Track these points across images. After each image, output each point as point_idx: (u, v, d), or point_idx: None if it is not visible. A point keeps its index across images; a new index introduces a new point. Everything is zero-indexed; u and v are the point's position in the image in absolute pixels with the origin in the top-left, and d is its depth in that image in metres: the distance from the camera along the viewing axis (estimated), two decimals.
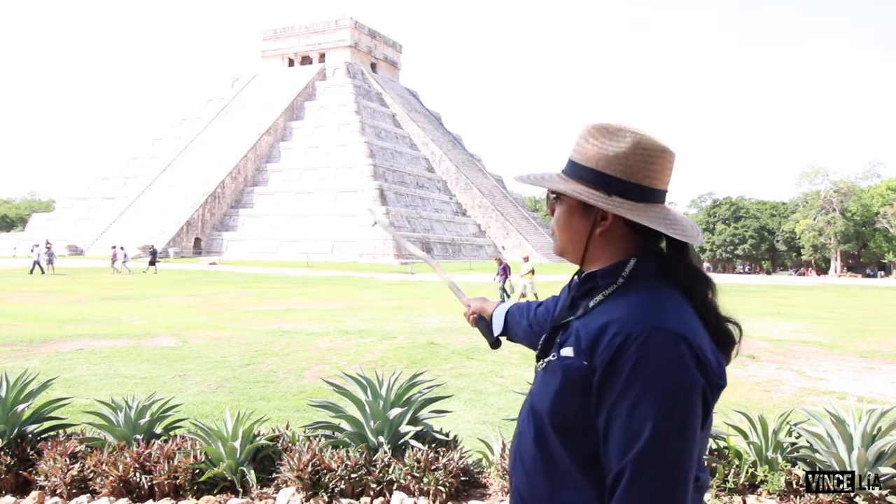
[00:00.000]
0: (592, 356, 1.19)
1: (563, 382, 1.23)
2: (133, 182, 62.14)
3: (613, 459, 1.13)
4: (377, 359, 9.10)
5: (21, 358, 8.81)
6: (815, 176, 74.77)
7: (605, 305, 1.26)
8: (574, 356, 1.22)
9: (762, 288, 33.11)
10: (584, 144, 1.30)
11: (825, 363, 9.64)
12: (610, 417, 1.15)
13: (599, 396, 1.17)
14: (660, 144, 1.28)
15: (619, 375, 1.14)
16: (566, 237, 1.37)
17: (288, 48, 77.81)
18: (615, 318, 1.20)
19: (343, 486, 3.82)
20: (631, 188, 1.26)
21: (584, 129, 1.32)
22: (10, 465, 3.97)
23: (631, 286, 1.27)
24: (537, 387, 1.32)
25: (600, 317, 1.24)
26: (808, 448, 3.99)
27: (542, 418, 1.26)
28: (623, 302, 1.24)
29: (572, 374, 1.21)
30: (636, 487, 1.09)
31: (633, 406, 1.12)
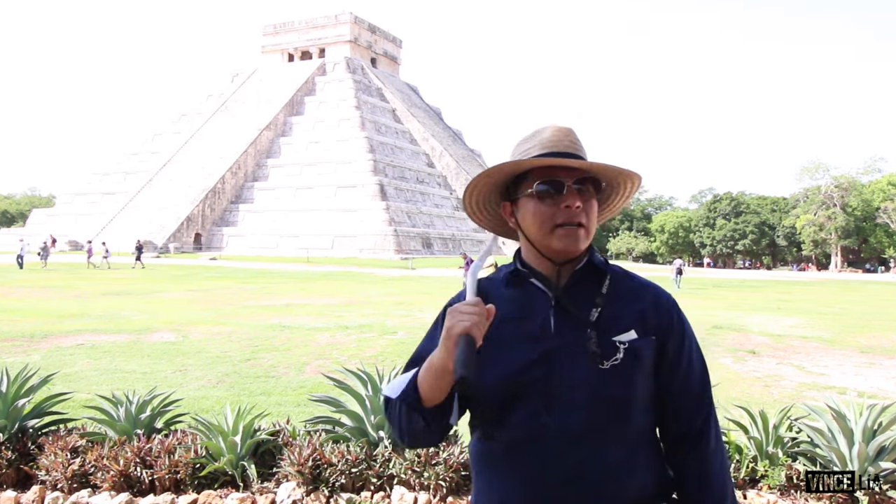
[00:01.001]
0: (660, 329, 1.39)
1: (643, 362, 1.36)
2: (133, 177, 62.09)
3: (700, 394, 1.42)
4: (377, 354, 9.11)
5: (22, 353, 8.82)
6: (815, 171, 74.70)
7: (618, 287, 1.41)
8: (640, 336, 1.36)
9: (762, 283, 33.10)
10: (581, 145, 1.43)
11: (826, 358, 9.65)
12: (689, 367, 1.42)
13: (674, 357, 1.40)
14: None
15: (683, 335, 1.42)
16: (595, 227, 1.41)
17: (288, 43, 77.63)
18: (650, 292, 1.43)
19: (343, 480, 3.82)
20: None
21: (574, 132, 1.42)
22: (11, 460, 3.97)
23: (613, 267, 1.45)
24: (607, 382, 1.32)
25: (635, 296, 1.41)
26: (808, 443, 3.99)
27: (629, 405, 1.35)
28: (631, 280, 1.45)
29: (647, 352, 1.36)
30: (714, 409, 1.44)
31: (696, 354, 1.44)
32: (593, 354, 1.32)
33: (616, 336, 1.35)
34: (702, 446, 1.40)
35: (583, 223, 1.36)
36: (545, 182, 1.37)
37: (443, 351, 1.24)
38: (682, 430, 1.40)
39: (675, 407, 1.41)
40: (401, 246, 50.25)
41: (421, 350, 1.47)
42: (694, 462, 1.40)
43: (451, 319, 1.23)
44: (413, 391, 1.33)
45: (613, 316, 1.37)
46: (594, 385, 1.32)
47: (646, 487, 1.36)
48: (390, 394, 1.38)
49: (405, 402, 1.34)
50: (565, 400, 1.32)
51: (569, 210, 1.35)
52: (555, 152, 1.37)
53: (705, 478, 1.39)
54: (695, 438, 1.40)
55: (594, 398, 1.32)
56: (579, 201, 1.35)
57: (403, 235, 51.68)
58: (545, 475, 1.31)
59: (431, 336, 1.48)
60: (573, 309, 1.37)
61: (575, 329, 1.35)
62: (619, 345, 1.34)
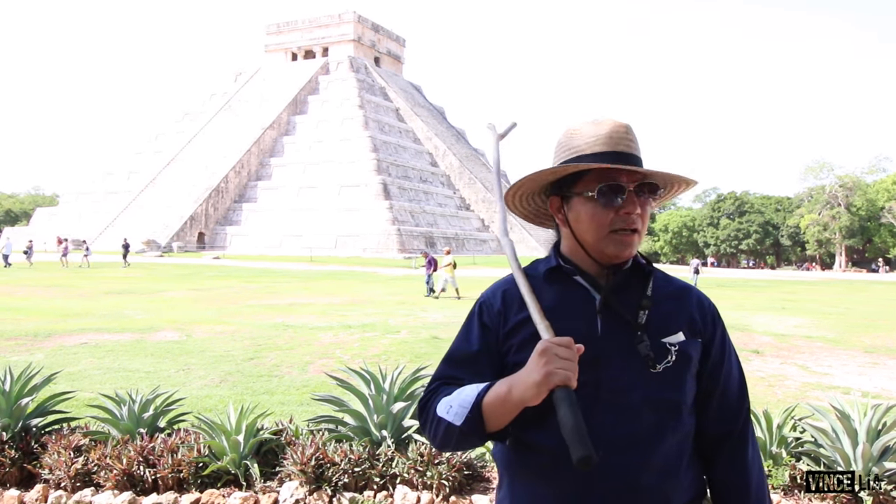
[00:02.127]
0: (704, 331, 1.39)
1: (692, 364, 1.36)
2: (137, 176, 62.19)
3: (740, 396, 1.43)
4: (380, 353, 9.11)
5: (26, 352, 8.84)
6: (820, 170, 74.42)
7: (662, 289, 1.41)
8: (687, 338, 1.36)
9: (766, 283, 33.03)
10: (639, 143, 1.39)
11: (830, 358, 9.62)
12: (730, 369, 1.42)
13: (717, 359, 1.40)
14: None
15: (724, 337, 1.43)
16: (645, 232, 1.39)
17: (291, 42, 77.67)
18: (693, 295, 1.43)
19: (346, 479, 3.82)
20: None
21: (632, 129, 1.37)
22: (14, 459, 3.98)
23: (654, 268, 1.44)
24: (659, 385, 1.30)
25: (679, 298, 1.41)
26: (812, 443, 3.98)
27: (681, 408, 1.34)
28: (673, 282, 1.45)
29: (695, 354, 1.36)
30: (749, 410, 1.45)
31: (734, 356, 1.45)
32: (646, 357, 1.30)
33: (665, 338, 1.33)
34: (740, 451, 1.40)
35: (638, 229, 1.33)
36: (606, 185, 1.31)
37: (528, 390, 1.17)
38: (723, 433, 1.40)
39: (717, 409, 1.40)
40: (404, 245, 50.25)
41: (454, 350, 1.43)
42: (733, 467, 1.39)
43: (548, 364, 1.15)
44: (478, 419, 1.25)
45: (661, 318, 1.35)
46: (647, 388, 1.29)
47: (691, 491, 1.36)
48: (453, 419, 1.27)
49: (469, 429, 1.26)
50: (616, 404, 1.28)
51: (627, 216, 1.31)
52: (615, 152, 1.32)
53: (746, 485, 1.38)
54: (734, 443, 1.40)
55: (646, 402, 1.29)
56: (639, 207, 1.32)
57: (407, 235, 51.69)
58: (596, 483, 1.26)
59: (467, 336, 1.42)
60: (621, 310, 1.33)
61: (623, 331, 1.32)
62: (670, 347, 1.33)
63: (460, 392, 1.30)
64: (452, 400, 1.30)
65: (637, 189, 1.32)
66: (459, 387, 1.33)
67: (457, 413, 1.27)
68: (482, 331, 1.39)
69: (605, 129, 1.33)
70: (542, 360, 1.16)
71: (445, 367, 1.41)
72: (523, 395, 1.18)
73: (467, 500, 3.82)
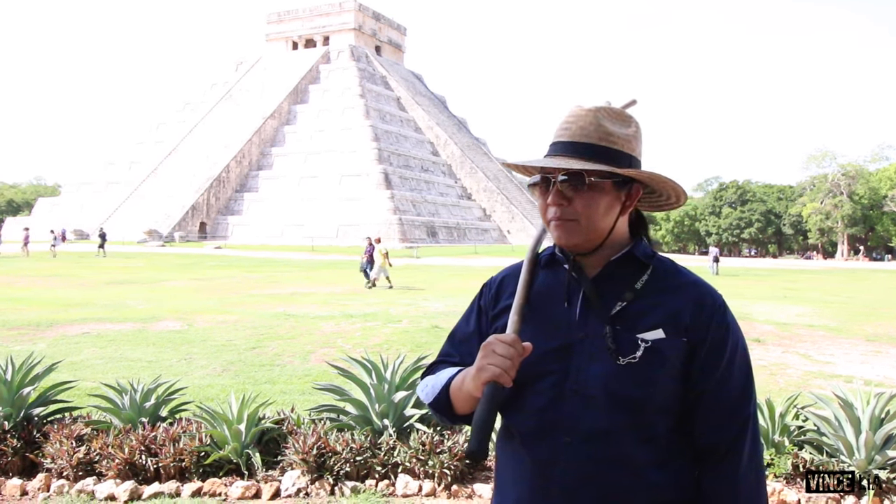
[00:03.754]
0: (694, 331, 1.29)
1: (668, 364, 1.28)
2: (138, 167, 62.11)
3: (734, 406, 1.30)
4: (382, 342, 9.11)
5: (28, 342, 8.85)
6: (822, 159, 74.19)
7: (659, 283, 1.34)
8: (668, 336, 1.28)
9: (768, 271, 33.00)
10: (609, 128, 1.32)
11: (832, 347, 9.61)
12: (725, 376, 1.30)
13: (707, 364, 1.29)
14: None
15: (724, 340, 1.31)
16: (603, 223, 1.31)
17: (292, 31, 77.29)
18: (693, 292, 1.33)
19: (348, 468, 3.82)
20: (639, 167, 1.36)
21: (599, 112, 1.33)
22: (16, 448, 3.99)
23: (660, 261, 1.38)
24: (623, 380, 1.26)
25: (674, 294, 1.32)
26: (815, 431, 3.97)
27: (645, 407, 1.28)
28: (676, 277, 1.35)
29: (675, 353, 1.28)
30: (755, 425, 1.32)
31: (739, 362, 1.32)
32: (609, 350, 1.27)
33: (641, 333, 1.28)
34: (729, 465, 1.29)
35: (573, 218, 1.29)
36: (537, 176, 1.34)
37: (472, 383, 1.25)
38: (709, 442, 1.30)
39: (704, 416, 1.30)
40: (405, 234, 50.22)
41: (456, 328, 1.52)
42: (717, 481, 1.29)
43: (483, 359, 1.22)
44: (445, 399, 1.36)
45: (641, 312, 1.30)
46: (609, 382, 1.26)
47: (666, 492, 1.28)
48: (424, 397, 1.41)
49: (436, 409, 1.39)
50: (580, 395, 1.27)
51: (552, 207, 1.31)
52: (558, 142, 1.33)
53: (730, 499, 1.28)
54: (723, 454, 1.29)
55: (608, 396, 1.26)
56: (563, 199, 1.29)
57: (408, 224, 51.66)
58: (555, 472, 1.27)
59: (468, 317, 1.51)
60: (597, 300, 1.31)
61: (598, 322, 1.30)
62: (641, 343, 1.27)
63: (440, 374, 1.41)
64: (430, 380, 1.42)
65: (566, 180, 1.29)
66: (452, 367, 1.43)
67: (428, 393, 1.40)
68: (478, 313, 1.48)
69: (561, 119, 1.36)
70: (481, 355, 1.23)
71: (448, 344, 1.51)
72: (468, 386, 1.27)
73: (469, 488, 3.82)
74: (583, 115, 1.33)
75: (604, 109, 1.33)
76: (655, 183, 1.35)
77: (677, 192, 1.37)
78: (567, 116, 1.35)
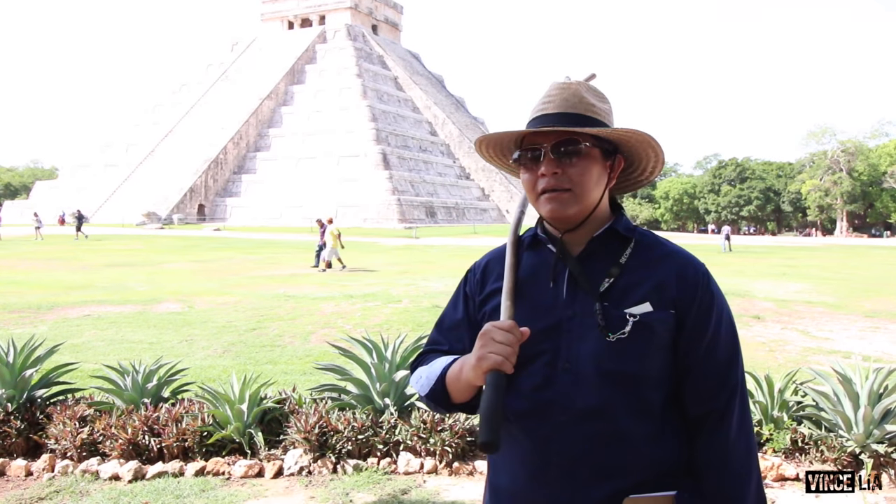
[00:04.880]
0: (680, 302, 1.30)
1: (657, 337, 1.29)
2: (135, 149, 61.81)
3: (722, 374, 1.31)
4: (382, 322, 9.14)
5: (29, 324, 8.87)
6: (822, 136, 73.92)
7: (642, 256, 1.34)
8: (656, 309, 1.29)
9: (768, 249, 33.04)
10: (591, 100, 1.34)
11: (830, 323, 9.65)
12: (712, 344, 1.31)
13: (694, 333, 1.30)
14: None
15: (710, 309, 1.31)
16: (594, 193, 1.33)
17: (287, 10, 76.48)
18: (675, 261, 1.34)
19: (350, 447, 3.85)
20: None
21: (580, 86, 1.35)
22: (20, 429, 4.01)
23: (641, 234, 1.38)
24: (614, 356, 1.26)
25: (657, 266, 1.33)
26: (813, 407, 4.00)
27: (639, 382, 1.28)
28: (659, 248, 1.36)
29: (663, 325, 1.29)
30: (743, 391, 1.33)
31: (725, 329, 1.33)
32: (599, 327, 1.27)
33: (629, 308, 1.28)
34: (721, 431, 1.30)
35: (567, 188, 1.30)
36: (524, 150, 1.33)
37: (472, 372, 1.23)
38: (701, 412, 1.31)
39: (694, 385, 1.31)
40: (404, 215, 50.15)
41: (444, 315, 1.51)
42: (711, 448, 1.30)
43: (483, 348, 1.21)
44: (441, 390, 1.35)
45: (628, 286, 1.30)
46: (603, 359, 1.27)
47: (659, 466, 1.29)
48: (419, 389, 1.39)
49: (431, 399, 1.38)
50: (572, 373, 1.28)
51: (544, 178, 1.30)
52: (542, 115, 1.33)
53: (723, 468, 1.29)
54: (714, 422, 1.30)
55: (602, 373, 1.27)
56: (556, 167, 1.29)
57: (407, 204, 51.56)
58: (552, 450, 1.28)
59: (455, 303, 1.50)
60: (584, 279, 1.31)
61: (586, 300, 1.30)
62: (630, 318, 1.28)
63: (433, 364, 1.39)
64: (424, 371, 1.40)
65: (561, 147, 1.29)
66: (442, 355, 1.42)
67: (423, 385, 1.38)
68: (464, 299, 1.47)
69: (542, 95, 1.36)
70: (480, 343, 1.22)
71: (436, 331, 1.50)
72: (468, 376, 1.25)
73: (470, 465, 3.85)
74: (565, 88, 1.34)
75: (584, 84, 1.36)
76: (641, 146, 1.35)
77: (657, 154, 1.37)
78: (549, 90, 1.36)
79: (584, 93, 1.34)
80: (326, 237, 18.01)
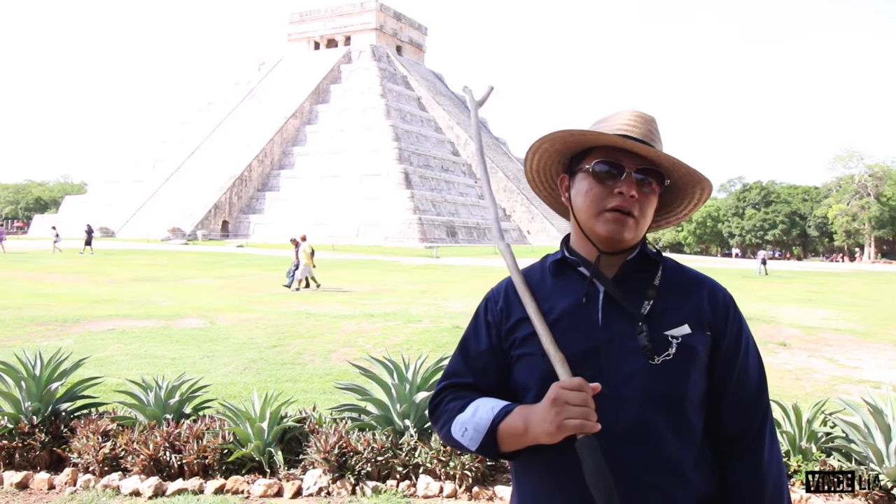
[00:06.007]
0: (715, 324, 1.33)
1: (699, 359, 1.30)
2: (162, 165, 62.87)
3: (754, 397, 1.34)
4: (402, 342, 9.12)
5: (55, 337, 8.99)
6: (849, 160, 72.93)
7: (673, 280, 1.36)
8: (694, 331, 1.30)
9: (793, 274, 32.54)
10: (660, 137, 1.38)
11: (859, 351, 9.45)
12: (743, 367, 1.34)
13: (728, 356, 1.33)
14: None
15: (740, 332, 1.35)
16: (647, 223, 1.36)
17: (314, 31, 77.77)
18: (705, 286, 1.37)
19: (369, 468, 3.83)
20: None
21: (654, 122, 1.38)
22: (44, 442, 4.05)
23: (665, 259, 1.40)
24: (659, 378, 1.25)
25: (689, 289, 1.35)
26: (843, 438, 3.90)
27: (684, 404, 1.28)
28: (685, 272, 1.39)
29: (701, 348, 1.30)
30: (771, 417, 1.36)
31: (752, 352, 1.37)
32: (644, 348, 1.26)
33: (668, 330, 1.28)
34: (755, 453, 1.31)
35: (634, 213, 1.30)
36: (605, 162, 1.32)
37: (543, 436, 1.18)
38: (735, 433, 1.33)
39: (730, 407, 1.33)
40: (425, 234, 50.28)
41: (465, 346, 1.45)
42: (745, 472, 1.31)
43: (560, 415, 1.15)
44: (492, 444, 1.28)
45: (666, 309, 1.31)
46: (645, 381, 1.25)
47: (702, 490, 1.28)
48: (467, 444, 1.30)
49: (482, 453, 1.31)
50: (614, 397, 1.25)
51: (622, 196, 1.29)
52: (626, 135, 1.31)
53: (757, 488, 1.30)
54: (749, 443, 1.32)
55: (645, 394, 1.25)
56: (636, 191, 1.29)
57: (428, 224, 51.71)
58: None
59: (476, 333, 1.44)
60: (623, 301, 1.30)
61: (625, 323, 1.29)
62: (672, 339, 1.27)
63: (475, 412, 1.30)
64: (468, 422, 1.30)
65: (640, 173, 1.30)
66: (469, 394, 1.36)
67: (472, 438, 1.29)
68: (487, 329, 1.43)
69: (623, 117, 1.35)
70: (554, 411, 1.16)
71: (458, 360, 1.44)
72: (538, 438, 1.20)
73: (490, 490, 3.81)
74: (648, 120, 1.36)
75: (655, 120, 1.38)
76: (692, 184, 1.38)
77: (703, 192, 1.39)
78: (631, 116, 1.36)
79: (656, 129, 1.37)
80: (300, 255, 17.57)
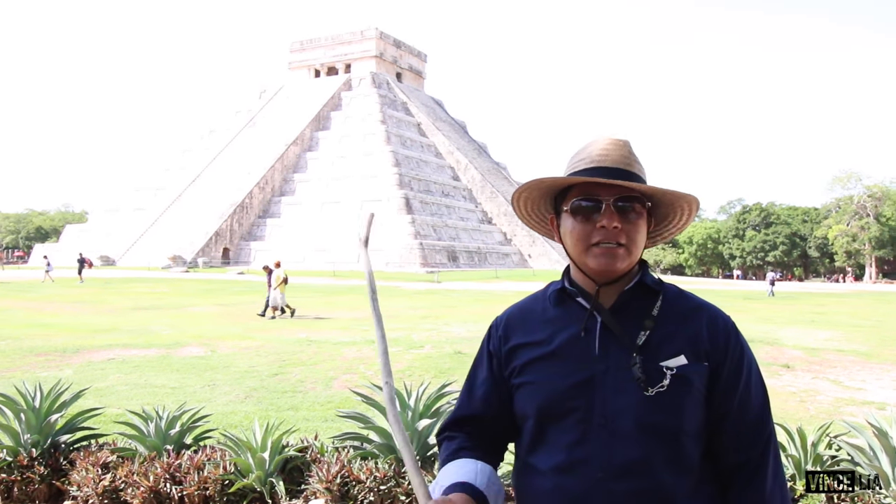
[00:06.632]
0: (714, 353, 1.31)
1: (694, 390, 1.29)
2: (163, 193, 63.16)
3: (756, 425, 1.32)
4: (404, 368, 9.08)
5: (55, 367, 8.96)
6: (848, 180, 73.24)
7: (672, 309, 1.35)
8: (690, 362, 1.29)
9: (794, 295, 32.48)
10: (637, 160, 1.37)
11: (863, 372, 9.40)
12: (745, 395, 1.32)
13: (728, 385, 1.31)
14: None
15: (741, 360, 1.33)
16: (639, 250, 1.35)
17: (314, 59, 78.63)
18: (704, 314, 1.35)
19: (372, 498, 3.79)
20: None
21: (628, 145, 1.36)
22: (43, 475, 4.01)
23: (666, 287, 1.39)
24: (653, 410, 1.25)
25: (688, 318, 1.34)
26: (849, 461, 3.87)
27: (679, 435, 1.28)
28: (686, 301, 1.38)
29: (697, 379, 1.29)
30: (775, 442, 1.34)
31: (755, 379, 1.35)
32: (638, 380, 1.26)
33: (665, 361, 1.28)
34: (757, 482, 1.29)
35: (622, 243, 1.30)
36: (582, 199, 1.32)
37: None
38: (736, 463, 1.31)
39: (730, 437, 1.31)
40: (426, 259, 50.31)
41: (471, 375, 1.51)
42: (747, 498, 1.30)
43: None
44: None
45: (663, 339, 1.30)
46: (639, 412, 1.25)
47: None
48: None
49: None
50: (608, 429, 1.26)
51: (604, 230, 1.29)
52: (601, 167, 1.32)
53: None
54: (750, 472, 1.30)
55: (640, 427, 1.25)
56: (617, 221, 1.29)
57: (429, 249, 51.76)
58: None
59: (479, 362, 1.50)
60: (619, 331, 1.31)
61: (620, 353, 1.29)
62: (667, 370, 1.27)
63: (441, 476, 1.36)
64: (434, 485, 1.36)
65: (620, 202, 1.30)
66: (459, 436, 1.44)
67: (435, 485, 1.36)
68: (489, 358, 1.46)
69: (595, 147, 1.35)
70: None
71: (465, 395, 1.49)
72: None
73: None
74: (622, 146, 1.35)
75: (628, 143, 1.37)
76: (678, 201, 1.37)
77: (690, 206, 1.38)
78: (604, 145, 1.35)
79: (632, 152, 1.36)
80: (273, 281, 17.20)
